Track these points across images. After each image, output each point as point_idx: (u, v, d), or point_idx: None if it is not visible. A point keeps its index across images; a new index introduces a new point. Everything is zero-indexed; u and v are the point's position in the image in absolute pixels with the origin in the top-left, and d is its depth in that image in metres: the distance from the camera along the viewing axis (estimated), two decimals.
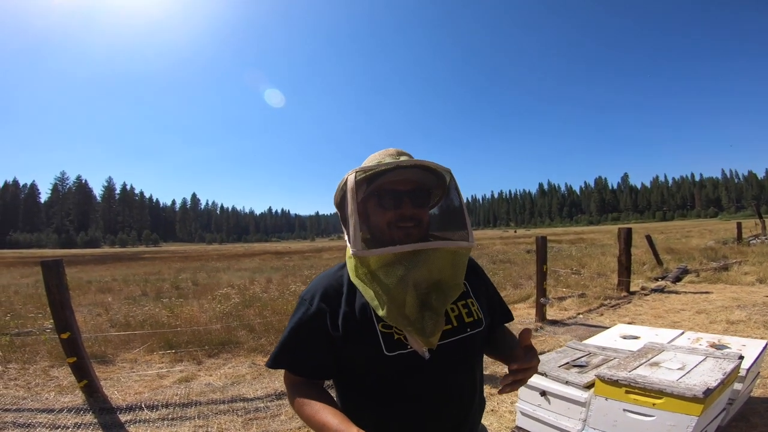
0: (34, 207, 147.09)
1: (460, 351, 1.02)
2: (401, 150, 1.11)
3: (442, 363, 0.99)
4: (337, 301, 1.03)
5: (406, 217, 1.03)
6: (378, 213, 1.06)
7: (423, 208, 1.07)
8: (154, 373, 4.59)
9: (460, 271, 1.04)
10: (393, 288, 0.96)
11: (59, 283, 3.47)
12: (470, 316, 1.07)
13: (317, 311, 1.02)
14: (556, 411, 2.36)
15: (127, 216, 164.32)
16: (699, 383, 1.89)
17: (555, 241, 27.08)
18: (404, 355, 0.97)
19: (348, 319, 1.00)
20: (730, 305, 6.39)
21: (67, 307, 3.53)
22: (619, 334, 3.12)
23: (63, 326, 3.52)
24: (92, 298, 10.11)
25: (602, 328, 5.53)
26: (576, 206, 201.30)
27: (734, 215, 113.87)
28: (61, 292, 3.49)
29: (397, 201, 1.04)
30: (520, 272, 11.31)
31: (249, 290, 9.81)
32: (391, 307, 0.95)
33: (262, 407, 3.69)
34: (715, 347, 2.62)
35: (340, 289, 1.05)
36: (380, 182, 1.04)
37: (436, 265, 0.99)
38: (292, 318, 1.06)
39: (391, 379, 0.98)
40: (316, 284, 1.08)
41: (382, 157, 1.08)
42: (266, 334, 5.74)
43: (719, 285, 8.37)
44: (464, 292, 1.09)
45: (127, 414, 3.59)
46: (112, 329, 6.31)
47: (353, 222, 0.99)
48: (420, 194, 1.07)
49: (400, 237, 1.03)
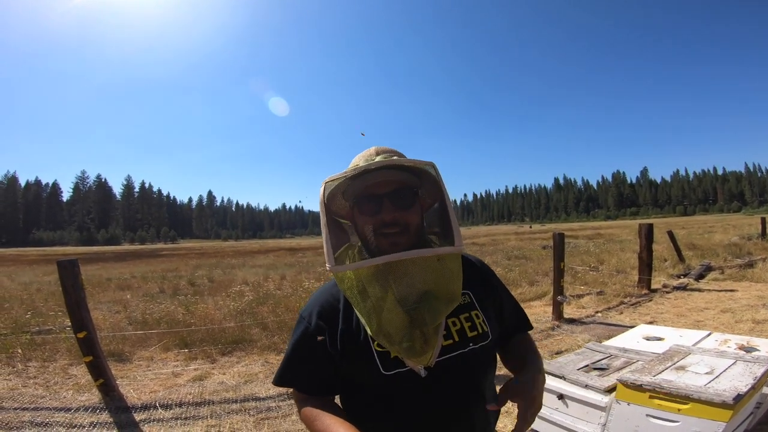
0: (56, 205, 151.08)
1: (463, 366, 0.96)
2: (382, 148, 1.02)
3: (444, 380, 0.93)
4: (334, 318, 0.99)
5: (388, 223, 0.94)
6: (361, 221, 0.99)
7: (408, 210, 0.97)
8: (170, 372, 4.62)
9: (453, 281, 0.95)
10: (375, 304, 0.90)
11: (75, 283, 3.51)
12: (473, 330, 0.99)
13: (315, 329, 0.98)
14: (575, 415, 2.28)
15: (146, 213, 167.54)
16: (729, 388, 1.80)
17: (572, 237, 26.65)
18: (402, 374, 0.92)
19: (344, 337, 0.96)
20: (756, 304, 6.16)
21: (83, 307, 3.56)
22: (641, 335, 3.01)
23: (79, 326, 3.55)
24: (111, 295, 10.29)
25: (622, 328, 5.39)
26: (593, 201, 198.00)
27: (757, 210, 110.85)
28: (76, 292, 3.53)
29: (377, 205, 0.96)
30: (536, 269, 11.15)
31: (263, 287, 9.86)
32: (377, 324, 0.89)
33: (273, 407, 3.69)
34: (743, 349, 2.50)
35: (336, 305, 1.00)
36: (357, 188, 0.97)
37: (419, 276, 0.91)
38: (293, 336, 1.02)
39: (392, 397, 0.94)
40: (313, 301, 1.04)
41: (358, 160, 1.00)
42: (279, 332, 5.74)
43: (744, 282, 8.10)
44: (468, 304, 1.02)
45: (141, 413, 3.62)
46: (129, 327, 6.40)
47: (324, 235, 0.93)
48: (402, 195, 0.97)
49: (385, 246, 0.95)
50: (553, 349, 4.73)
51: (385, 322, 0.89)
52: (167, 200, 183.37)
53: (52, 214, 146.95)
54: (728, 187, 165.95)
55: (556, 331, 5.58)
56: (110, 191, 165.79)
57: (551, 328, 5.69)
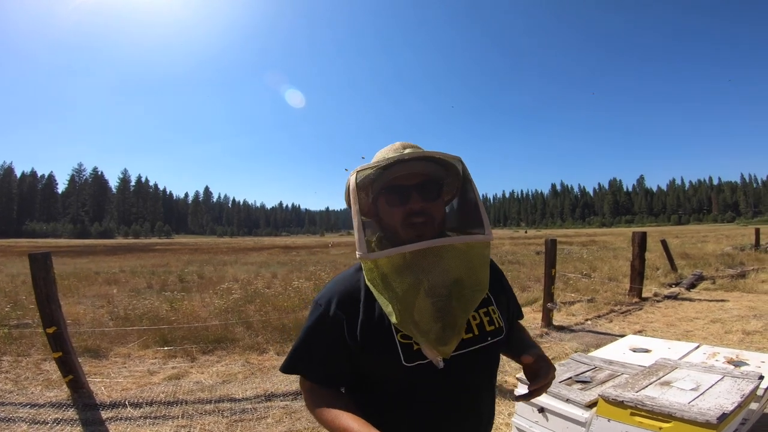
0: (51, 197, 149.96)
1: (481, 360, 0.98)
2: (407, 143, 1.04)
3: (463, 372, 0.95)
4: (354, 308, 0.97)
5: (415, 212, 0.96)
6: (387, 212, 1.00)
7: (434, 201, 0.99)
8: (145, 369, 4.50)
9: (482, 272, 0.97)
10: (404, 293, 0.90)
11: (46, 276, 3.39)
12: (491, 325, 1.01)
13: (334, 319, 0.96)
14: (554, 429, 2.18)
15: (141, 207, 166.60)
16: (713, 406, 1.70)
17: (566, 243, 26.68)
18: (424, 365, 0.91)
19: (366, 328, 0.95)
20: (747, 315, 6.11)
21: (54, 301, 3.44)
22: (628, 346, 2.91)
23: (49, 320, 3.44)
24: (98, 289, 10.14)
25: (611, 336, 5.32)
26: (589, 207, 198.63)
27: (751, 221, 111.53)
28: (47, 286, 3.41)
29: (404, 196, 0.97)
30: (529, 274, 11.08)
31: (252, 285, 9.73)
32: (403, 313, 0.89)
33: (249, 408, 3.58)
34: (732, 363, 2.41)
35: (357, 295, 0.98)
36: (386, 179, 0.98)
37: (451, 264, 0.93)
38: (307, 323, 1.01)
39: (409, 388, 0.94)
40: (332, 288, 1.02)
41: (386, 153, 1.02)
42: (263, 332, 5.63)
43: (735, 293, 8.06)
44: (486, 299, 1.03)
45: (109, 411, 3.51)
46: (111, 323, 6.26)
47: (356, 224, 0.95)
48: (429, 187, 0.99)
49: (410, 236, 0.95)
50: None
51: (413, 312, 0.89)
52: (163, 195, 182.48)
53: (47, 206, 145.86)
54: (723, 198, 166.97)
55: (544, 338, 5.49)
56: (106, 184, 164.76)
57: (540, 335, 5.60)
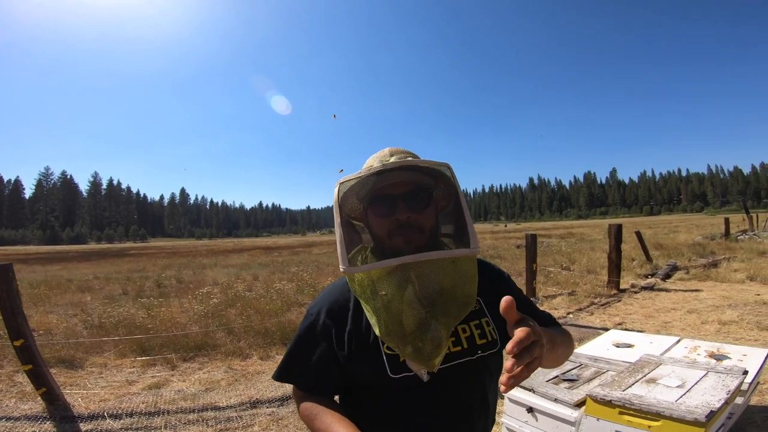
0: (18, 203, 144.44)
1: (471, 373, 0.95)
2: (396, 149, 1.00)
3: (450, 385, 0.92)
4: (343, 317, 0.97)
5: (402, 224, 0.93)
6: (375, 222, 0.98)
7: (422, 211, 0.96)
8: (123, 379, 4.35)
9: (468, 284, 0.93)
10: (387, 306, 0.88)
11: (9, 288, 3.22)
12: (483, 338, 0.96)
13: (323, 328, 0.96)
14: (544, 429, 2.18)
15: (114, 211, 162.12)
16: (701, 404, 1.72)
17: (545, 236, 27.10)
18: (410, 377, 0.90)
19: (353, 338, 0.94)
20: (721, 304, 6.29)
21: (19, 314, 3.28)
22: (611, 341, 2.95)
23: (15, 333, 3.27)
24: (70, 297, 9.77)
25: (593, 329, 5.40)
26: (565, 200, 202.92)
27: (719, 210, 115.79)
28: (11, 298, 3.25)
29: (391, 207, 0.95)
30: (510, 268, 11.19)
31: (233, 288, 9.54)
32: (386, 327, 0.88)
33: (234, 417, 3.48)
34: (714, 357, 2.46)
35: (346, 305, 0.98)
36: (372, 188, 0.96)
37: (434, 279, 0.90)
38: (298, 331, 1.00)
39: (396, 400, 0.92)
40: (323, 297, 1.02)
41: (372, 161, 0.99)
42: (246, 336, 5.51)
43: (709, 282, 8.30)
44: (478, 310, 0.99)
45: (88, 423, 3.38)
46: (85, 332, 6.03)
47: (338, 237, 0.91)
48: (417, 196, 0.96)
49: (399, 245, 0.93)
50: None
51: (396, 324, 0.88)
52: (137, 198, 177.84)
53: (14, 212, 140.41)
54: (691, 188, 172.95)
55: None
56: (76, 188, 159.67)
57: None
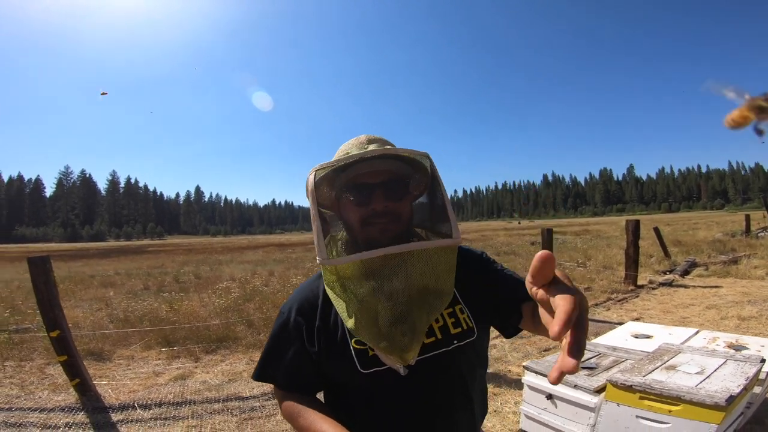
0: (40, 201, 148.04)
1: (447, 365, 0.91)
2: (373, 136, 0.97)
3: (425, 378, 0.89)
4: (312, 314, 0.96)
5: (378, 213, 0.90)
6: (350, 210, 0.94)
7: (400, 201, 0.94)
8: (150, 371, 4.50)
9: (447, 276, 0.89)
10: (363, 299, 0.85)
11: (46, 280, 3.37)
12: (457, 327, 0.93)
13: (295, 325, 0.96)
14: (563, 415, 2.23)
15: (132, 209, 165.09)
16: (721, 389, 1.75)
17: (560, 233, 26.80)
18: (381, 372, 0.88)
19: (321, 334, 0.93)
20: (741, 300, 6.22)
21: (56, 305, 3.43)
22: (630, 332, 2.97)
23: (52, 324, 3.42)
24: (94, 292, 10.05)
25: (609, 324, 5.39)
26: (580, 197, 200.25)
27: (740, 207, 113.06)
28: (48, 290, 3.39)
29: (367, 195, 0.91)
30: (525, 264, 11.16)
31: (250, 283, 9.71)
32: (360, 320, 0.85)
33: (257, 406, 3.59)
34: (732, 348, 2.47)
35: (315, 302, 0.97)
36: (348, 176, 0.93)
37: (415, 269, 0.85)
38: (272, 331, 1.00)
39: (370, 395, 0.91)
40: (294, 296, 1.01)
41: (350, 148, 0.96)
42: (265, 330, 5.64)
43: (729, 279, 8.19)
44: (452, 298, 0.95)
45: (119, 413, 3.51)
46: (111, 325, 6.23)
47: (315, 227, 0.88)
48: (394, 186, 0.93)
49: (374, 234, 0.91)
50: (541, 347, 4.70)
51: (370, 318, 0.85)
52: (154, 196, 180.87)
53: (35, 210, 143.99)
54: (712, 185, 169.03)
55: None
56: (95, 187, 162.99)
57: None
